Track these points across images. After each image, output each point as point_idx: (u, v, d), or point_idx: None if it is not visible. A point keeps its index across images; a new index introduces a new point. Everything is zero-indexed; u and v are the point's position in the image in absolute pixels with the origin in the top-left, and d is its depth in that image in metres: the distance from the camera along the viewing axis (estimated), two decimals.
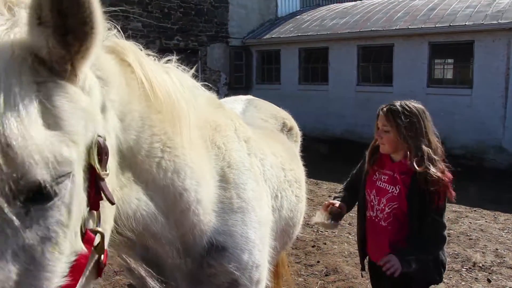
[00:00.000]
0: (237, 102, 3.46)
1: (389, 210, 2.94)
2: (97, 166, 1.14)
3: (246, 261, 1.97)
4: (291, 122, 3.62)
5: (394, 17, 14.13)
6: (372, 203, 3.06)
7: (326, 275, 5.49)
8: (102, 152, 1.16)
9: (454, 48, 13.16)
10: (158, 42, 14.51)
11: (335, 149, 13.05)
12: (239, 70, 17.24)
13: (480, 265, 5.67)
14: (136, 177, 1.47)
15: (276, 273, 3.66)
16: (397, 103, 2.92)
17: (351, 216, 7.61)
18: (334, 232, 6.87)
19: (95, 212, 1.19)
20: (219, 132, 2.05)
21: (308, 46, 15.88)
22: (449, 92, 12.58)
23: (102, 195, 1.18)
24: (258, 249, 2.05)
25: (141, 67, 1.48)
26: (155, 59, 1.73)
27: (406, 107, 2.87)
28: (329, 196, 8.40)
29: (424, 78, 13.05)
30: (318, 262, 5.87)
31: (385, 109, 2.93)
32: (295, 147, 3.54)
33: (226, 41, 16.72)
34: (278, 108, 3.69)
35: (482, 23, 11.70)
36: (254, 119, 2.55)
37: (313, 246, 6.40)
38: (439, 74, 14.38)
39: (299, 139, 3.72)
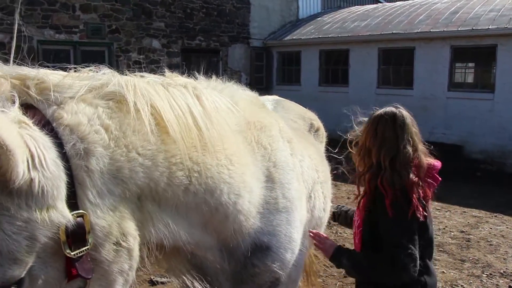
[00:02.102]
0: (266, 103, 3.49)
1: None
2: (66, 251, 1.22)
3: (289, 260, 2.01)
4: (318, 123, 3.63)
5: (416, 20, 14.07)
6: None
7: (345, 277, 5.53)
8: (70, 235, 1.22)
9: (476, 52, 13.05)
10: (180, 42, 14.68)
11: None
12: (260, 71, 17.33)
13: (502, 271, 5.66)
14: (163, 204, 1.52)
15: (306, 272, 3.72)
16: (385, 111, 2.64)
17: None
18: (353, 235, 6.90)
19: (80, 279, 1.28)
20: (264, 132, 2.07)
21: (328, 48, 15.89)
22: (470, 96, 12.48)
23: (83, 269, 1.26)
24: (299, 249, 2.09)
25: (146, 101, 1.48)
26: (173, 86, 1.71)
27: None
28: (348, 198, 8.43)
29: (445, 82, 12.97)
30: None
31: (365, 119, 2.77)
32: (322, 148, 3.59)
33: (247, 42, 16.83)
34: (304, 109, 3.69)
35: (506, 27, 11.58)
36: (284, 119, 2.61)
37: None
38: (460, 78, 14.26)
39: (325, 140, 3.75)
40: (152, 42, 13.95)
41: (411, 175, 2.37)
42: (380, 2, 20.35)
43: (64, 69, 1.52)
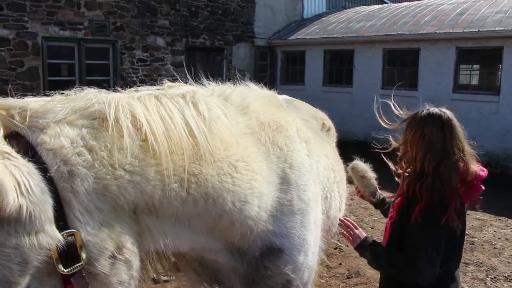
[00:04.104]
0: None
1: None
2: (60, 269, 1.27)
3: (301, 262, 1.99)
4: (329, 122, 3.63)
5: (421, 21, 14.01)
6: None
7: (348, 278, 5.52)
8: (62, 253, 1.27)
9: (481, 54, 12.99)
10: (185, 40, 14.66)
11: (358, 152, 12.99)
12: (264, 70, 17.30)
13: (506, 275, 5.62)
14: (161, 216, 1.54)
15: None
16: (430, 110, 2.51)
17: (373, 219, 7.61)
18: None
19: None
20: (280, 133, 2.05)
21: (333, 48, 15.85)
22: (475, 98, 12.42)
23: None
24: (312, 251, 2.07)
25: (127, 117, 1.49)
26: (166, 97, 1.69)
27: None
28: (351, 199, 8.40)
29: (450, 84, 12.91)
30: (340, 264, 5.90)
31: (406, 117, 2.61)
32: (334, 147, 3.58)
33: (252, 41, 16.79)
34: (315, 108, 3.69)
35: None
36: (299, 119, 2.59)
37: (335, 248, 6.42)
38: (464, 80, 14.20)
39: (335, 139, 3.74)
40: (156, 40, 13.93)
41: (453, 182, 2.24)
42: (386, 3, 20.29)
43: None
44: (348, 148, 2.82)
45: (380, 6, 18.21)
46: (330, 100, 14.84)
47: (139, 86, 1.73)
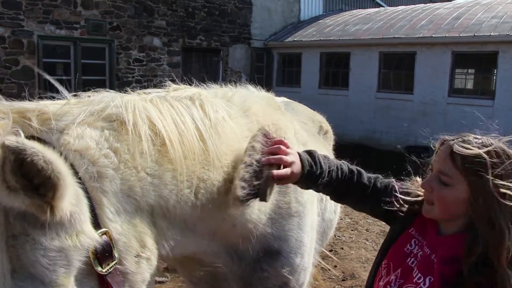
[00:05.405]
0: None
1: None
2: (98, 269, 1.28)
3: (298, 264, 2.00)
4: (327, 125, 3.63)
5: (418, 25, 14.07)
6: (387, 284, 1.70)
7: (343, 280, 5.52)
8: (99, 253, 1.28)
9: (477, 58, 13.06)
10: (181, 40, 14.64)
11: (353, 155, 13.03)
12: (260, 71, 17.31)
13: None
14: (172, 220, 1.56)
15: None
16: (484, 140, 1.64)
17: (368, 222, 7.62)
18: (352, 237, 6.89)
19: None
20: (279, 136, 2.05)
21: (329, 50, 15.88)
22: (470, 103, 12.47)
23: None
24: (308, 253, 2.08)
25: (144, 122, 1.50)
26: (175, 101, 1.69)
27: (502, 151, 1.57)
28: None
29: (446, 87, 12.98)
30: (335, 266, 5.90)
31: (455, 145, 1.59)
32: (331, 150, 3.58)
33: (248, 43, 16.80)
34: (313, 111, 3.69)
35: (508, 34, 11.59)
36: (297, 122, 2.60)
37: (330, 251, 6.42)
38: (460, 84, 14.28)
39: (332, 142, 3.74)
40: (153, 40, 13.91)
41: None
42: (382, 6, 20.37)
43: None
44: (344, 151, 2.81)
45: (376, 9, 18.27)
46: (326, 102, 14.87)
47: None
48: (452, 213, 1.58)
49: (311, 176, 1.75)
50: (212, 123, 1.70)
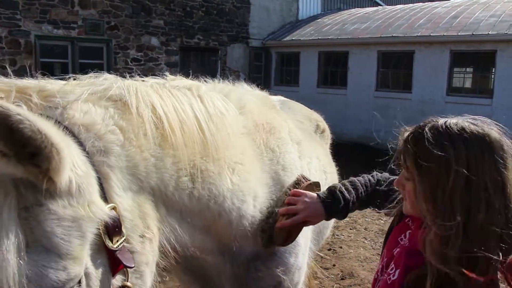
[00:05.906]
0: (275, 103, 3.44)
1: None
2: (108, 244, 1.25)
3: (292, 264, 2.00)
4: (324, 124, 3.61)
5: (416, 24, 14.07)
6: (377, 272, 1.72)
7: (342, 279, 5.51)
8: (109, 228, 1.25)
9: (475, 57, 13.07)
10: (179, 40, 14.63)
11: (352, 153, 13.03)
12: (258, 71, 17.31)
13: None
14: (170, 208, 1.53)
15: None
16: (435, 123, 1.51)
17: (367, 221, 7.62)
18: (350, 236, 6.88)
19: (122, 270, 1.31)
20: (273, 135, 2.06)
21: (328, 49, 15.88)
22: (469, 101, 12.49)
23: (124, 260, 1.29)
24: (302, 253, 2.08)
25: (147, 105, 1.49)
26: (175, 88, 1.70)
27: (449, 131, 1.47)
28: None
29: (444, 86, 12.99)
30: (334, 265, 5.89)
31: (406, 134, 1.56)
32: (328, 149, 3.56)
33: (246, 42, 16.79)
34: (310, 110, 3.67)
35: (506, 33, 11.60)
36: (292, 121, 2.59)
37: (329, 249, 6.41)
38: (458, 83, 14.29)
39: (329, 141, 3.72)
40: (151, 40, 13.89)
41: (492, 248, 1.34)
42: (380, 5, 20.37)
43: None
44: (342, 150, 2.79)
45: (375, 8, 18.28)
46: (324, 101, 14.86)
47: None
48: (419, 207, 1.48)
49: (336, 210, 1.94)
50: (210, 115, 1.69)
